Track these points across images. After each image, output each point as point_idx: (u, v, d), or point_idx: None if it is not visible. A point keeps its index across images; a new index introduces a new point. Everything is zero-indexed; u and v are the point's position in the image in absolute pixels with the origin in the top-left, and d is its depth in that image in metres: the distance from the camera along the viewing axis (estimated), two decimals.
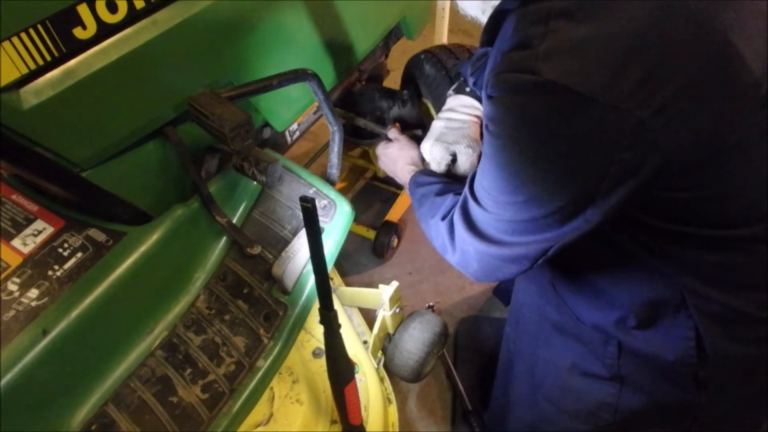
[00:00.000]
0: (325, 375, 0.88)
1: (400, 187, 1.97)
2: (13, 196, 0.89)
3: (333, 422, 1.01)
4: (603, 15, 0.56)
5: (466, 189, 0.78)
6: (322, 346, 0.88)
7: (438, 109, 1.41)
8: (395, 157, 1.20)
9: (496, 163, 0.67)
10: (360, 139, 1.54)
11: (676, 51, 0.56)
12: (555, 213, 0.65)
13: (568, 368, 0.89)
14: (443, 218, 0.85)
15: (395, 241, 1.85)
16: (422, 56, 1.45)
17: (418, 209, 0.97)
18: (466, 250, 0.78)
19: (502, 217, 0.70)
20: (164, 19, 0.82)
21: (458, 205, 0.80)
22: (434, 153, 1.07)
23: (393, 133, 1.29)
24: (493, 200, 0.71)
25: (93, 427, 0.81)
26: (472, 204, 0.75)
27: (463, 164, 1.09)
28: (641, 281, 0.77)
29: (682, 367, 0.78)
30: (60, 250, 0.85)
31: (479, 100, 1.12)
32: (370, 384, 1.11)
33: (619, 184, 0.60)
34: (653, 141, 0.57)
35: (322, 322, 0.82)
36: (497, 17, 0.73)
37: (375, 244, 1.81)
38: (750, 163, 0.63)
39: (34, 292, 0.80)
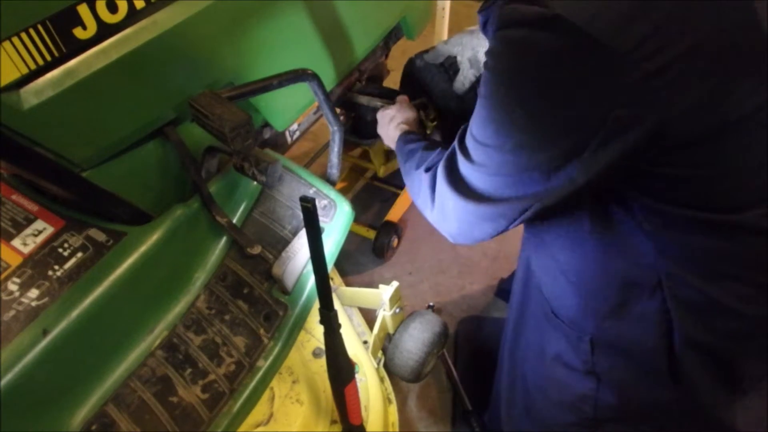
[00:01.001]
0: (325, 375, 0.88)
1: (400, 187, 1.97)
2: (13, 196, 0.89)
3: (333, 422, 1.01)
4: None
5: (456, 141, 0.76)
6: (322, 346, 0.88)
7: (436, 100, 1.41)
8: (392, 116, 1.18)
9: (489, 104, 0.65)
10: (360, 139, 1.54)
11: (693, 5, 0.53)
12: (541, 164, 0.63)
13: (553, 357, 0.89)
14: (427, 170, 0.83)
15: (395, 241, 1.85)
16: (413, 56, 1.46)
17: (404, 164, 0.95)
18: (446, 204, 0.76)
19: (487, 171, 0.69)
20: (164, 19, 0.82)
21: (444, 157, 0.78)
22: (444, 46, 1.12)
23: (399, 97, 1.28)
24: (481, 149, 0.69)
25: (93, 427, 0.81)
26: (459, 156, 0.73)
27: (463, 64, 1.16)
28: (619, 260, 0.75)
29: (655, 357, 0.76)
30: (60, 250, 0.85)
31: None
32: (370, 384, 1.11)
33: (611, 141, 0.58)
34: (653, 100, 0.55)
35: (322, 322, 0.82)
36: None
37: (375, 244, 1.81)
38: (749, 144, 0.62)
39: (34, 292, 0.80)
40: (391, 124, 1.16)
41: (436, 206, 0.79)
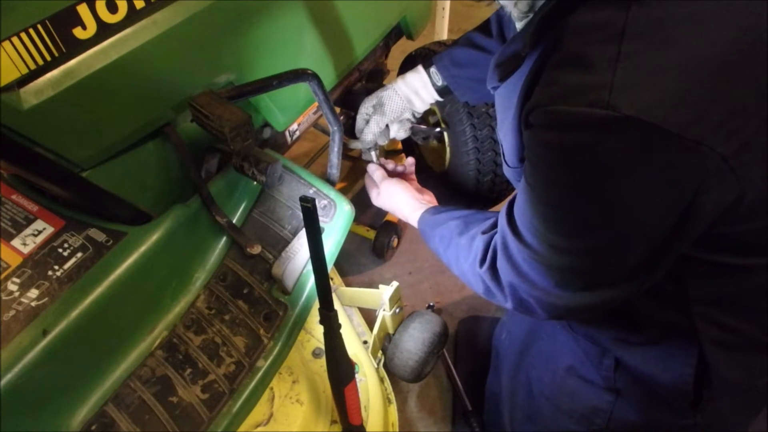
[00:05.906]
0: (325, 375, 0.88)
1: None
2: (13, 196, 0.89)
3: (333, 422, 1.01)
4: (689, 36, 0.49)
5: (505, 227, 0.69)
6: (322, 346, 0.88)
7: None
8: (392, 205, 1.10)
9: (551, 204, 0.60)
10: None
11: (765, 79, 0.50)
12: (626, 261, 0.60)
13: (566, 368, 0.89)
14: (482, 265, 0.76)
15: (395, 241, 1.84)
16: (413, 53, 1.46)
17: (444, 254, 0.89)
18: (524, 299, 0.70)
19: (561, 265, 0.63)
20: (164, 19, 0.82)
21: (498, 248, 0.71)
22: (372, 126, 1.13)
23: (386, 181, 1.15)
24: (547, 244, 0.63)
25: (93, 427, 0.81)
26: (518, 248, 0.67)
27: (396, 133, 1.17)
28: (655, 303, 0.73)
29: (677, 393, 0.77)
30: (60, 250, 0.85)
31: (443, 92, 1.11)
32: (370, 384, 1.11)
33: (697, 226, 0.56)
34: (733, 179, 0.52)
35: (322, 322, 0.82)
36: (549, 17, 0.57)
37: (375, 244, 1.81)
38: None
39: (34, 292, 0.80)
40: (400, 211, 1.07)
41: (510, 298, 0.73)
